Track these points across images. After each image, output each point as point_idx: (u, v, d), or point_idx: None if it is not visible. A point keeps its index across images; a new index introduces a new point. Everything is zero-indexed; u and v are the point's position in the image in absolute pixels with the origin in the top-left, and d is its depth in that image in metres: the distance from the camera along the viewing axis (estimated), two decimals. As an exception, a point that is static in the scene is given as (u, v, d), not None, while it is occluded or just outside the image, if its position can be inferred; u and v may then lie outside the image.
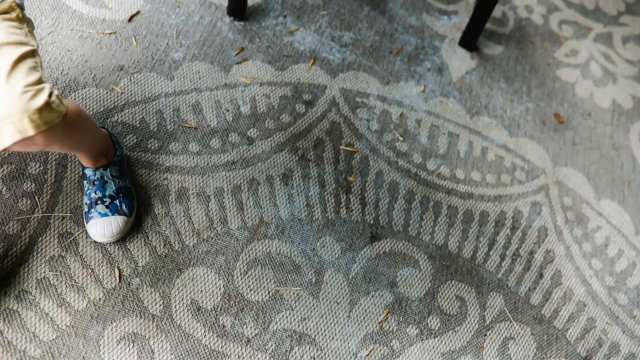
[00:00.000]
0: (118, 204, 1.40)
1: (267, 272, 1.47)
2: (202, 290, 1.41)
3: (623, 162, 1.96)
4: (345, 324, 1.46)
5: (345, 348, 1.43)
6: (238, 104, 1.69)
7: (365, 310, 1.49)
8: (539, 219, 1.75)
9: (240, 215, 1.52)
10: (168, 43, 1.74)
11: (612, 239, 1.77)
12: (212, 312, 1.39)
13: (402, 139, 1.77)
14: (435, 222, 1.66)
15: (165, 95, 1.65)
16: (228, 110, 1.67)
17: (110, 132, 1.48)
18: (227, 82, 1.72)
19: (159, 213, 1.48)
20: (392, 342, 1.46)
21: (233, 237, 1.49)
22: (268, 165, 1.61)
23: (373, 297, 1.51)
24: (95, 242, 1.40)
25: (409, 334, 1.48)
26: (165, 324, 1.36)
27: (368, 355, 1.43)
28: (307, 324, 1.44)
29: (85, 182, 1.42)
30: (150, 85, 1.65)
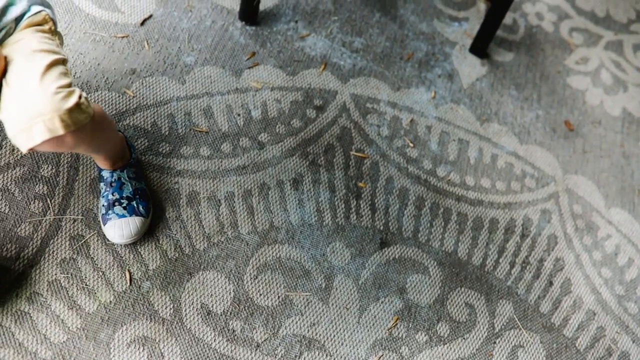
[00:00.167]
0: (135, 205, 1.41)
1: (277, 277, 1.47)
2: (212, 295, 1.41)
3: (633, 170, 1.95)
4: (355, 330, 1.46)
5: (355, 354, 1.43)
6: (249, 109, 1.69)
7: (375, 316, 1.49)
8: (549, 227, 1.75)
9: (251, 220, 1.53)
10: (180, 47, 1.75)
11: (622, 248, 1.77)
12: (222, 316, 1.40)
13: (412, 145, 1.77)
14: (445, 228, 1.66)
15: (177, 99, 1.65)
16: (239, 115, 1.68)
17: (125, 135, 1.48)
18: (238, 86, 1.72)
19: (170, 217, 1.48)
20: (401, 348, 1.46)
21: (243, 241, 1.49)
22: (279, 170, 1.62)
23: (382, 303, 1.51)
24: (113, 243, 1.41)
25: (418, 341, 1.48)
26: (176, 328, 1.36)
27: (377, 362, 1.43)
28: (316, 330, 1.44)
29: (102, 184, 1.42)
30: (162, 89, 1.66)
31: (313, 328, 1.44)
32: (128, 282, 1.38)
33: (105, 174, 1.42)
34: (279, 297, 1.45)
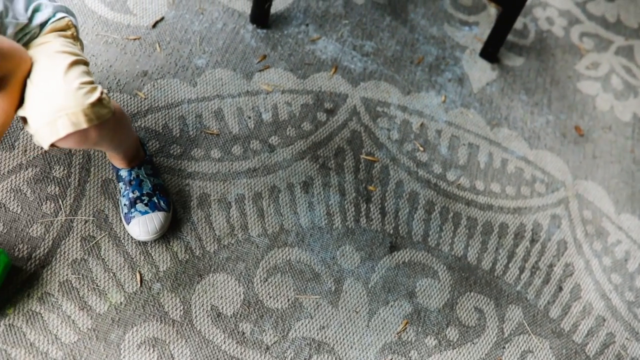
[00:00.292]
0: (156, 201, 1.42)
1: (286, 279, 1.48)
2: (222, 297, 1.42)
3: (644, 176, 1.95)
4: (364, 334, 1.46)
5: (364, 357, 1.43)
6: (260, 112, 1.70)
7: (384, 320, 1.49)
8: (559, 232, 1.74)
9: (261, 223, 1.53)
10: (191, 49, 1.76)
11: (632, 254, 1.76)
12: (231, 318, 1.40)
13: (422, 149, 1.77)
14: (455, 233, 1.66)
15: (188, 102, 1.66)
16: (250, 118, 1.68)
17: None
18: (249, 89, 1.73)
19: (181, 218, 1.48)
20: (410, 352, 1.46)
21: (253, 244, 1.50)
22: (289, 173, 1.62)
23: (392, 307, 1.51)
24: (123, 244, 1.41)
25: (428, 345, 1.48)
26: (186, 330, 1.36)
27: (386, 366, 1.43)
28: (326, 333, 1.44)
29: (121, 183, 1.43)
30: (173, 91, 1.66)
31: (322, 331, 1.44)
32: (139, 283, 1.39)
33: (123, 173, 1.43)
34: (289, 299, 1.45)
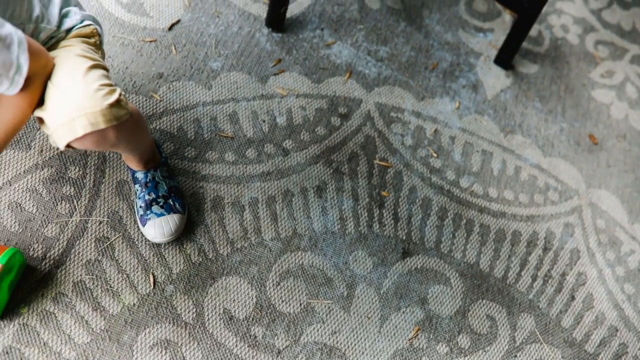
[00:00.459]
0: (172, 203, 1.42)
1: (299, 284, 1.48)
2: (234, 300, 1.42)
3: (658, 186, 1.94)
4: (376, 339, 1.46)
5: (375, 363, 1.43)
6: (274, 115, 1.70)
7: (396, 326, 1.48)
8: (572, 241, 1.74)
9: (274, 226, 1.53)
10: (207, 52, 1.76)
11: (645, 264, 1.76)
12: (244, 322, 1.40)
13: (435, 155, 1.77)
14: (468, 240, 1.65)
15: (203, 104, 1.66)
16: (264, 121, 1.68)
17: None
18: (264, 93, 1.73)
19: (194, 221, 1.49)
20: (421, 359, 1.46)
21: (266, 247, 1.50)
22: (302, 177, 1.62)
23: (404, 313, 1.51)
24: (137, 246, 1.42)
25: (439, 352, 1.48)
26: (198, 332, 1.36)
27: (397, 372, 1.43)
28: (337, 338, 1.44)
29: (137, 185, 1.44)
30: (189, 94, 1.67)
31: (334, 336, 1.44)
32: (152, 285, 1.39)
33: (140, 175, 1.43)
34: (301, 304, 1.45)
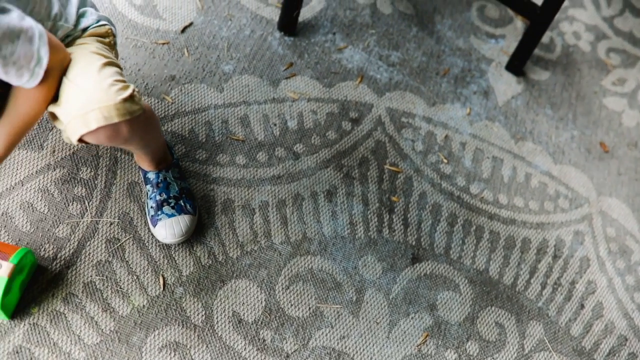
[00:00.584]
0: (182, 204, 1.43)
1: (308, 288, 1.48)
2: (243, 303, 1.42)
3: (669, 195, 1.93)
4: (384, 345, 1.46)
5: (383, 369, 1.43)
6: (285, 119, 1.70)
7: (405, 332, 1.48)
8: (582, 249, 1.73)
9: (284, 230, 1.53)
10: (219, 55, 1.77)
11: (655, 273, 1.75)
12: (252, 325, 1.40)
13: (446, 161, 1.77)
14: (477, 246, 1.65)
15: (215, 107, 1.67)
16: (275, 125, 1.69)
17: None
18: (275, 96, 1.74)
19: (205, 223, 1.49)
20: (430, 365, 1.46)
21: (276, 251, 1.50)
22: (313, 181, 1.62)
23: (413, 319, 1.50)
24: (147, 247, 1.42)
25: (447, 359, 1.47)
26: (207, 335, 1.37)
27: (406, 378, 1.43)
28: (346, 343, 1.44)
29: (148, 186, 1.44)
30: (200, 96, 1.67)
31: (343, 341, 1.44)
32: (161, 287, 1.39)
33: (151, 176, 1.44)
34: (310, 308, 1.46)
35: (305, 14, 1.94)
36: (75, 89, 1.08)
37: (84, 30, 1.21)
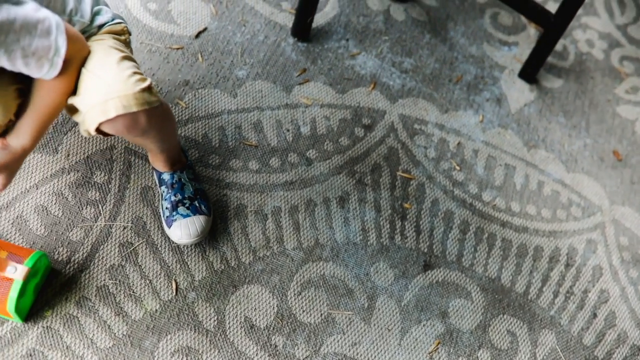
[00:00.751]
0: (197, 205, 1.43)
1: (320, 294, 1.48)
2: (255, 309, 1.42)
3: (682, 204, 1.92)
4: (396, 352, 1.45)
5: (395, 376, 1.42)
6: (298, 125, 1.71)
7: (416, 339, 1.48)
8: (594, 257, 1.72)
9: (297, 236, 1.53)
10: (233, 61, 1.77)
11: (669, 283, 1.74)
12: (264, 330, 1.40)
13: (458, 168, 1.77)
14: (489, 254, 1.65)
15: (228, 112, 1.67)
16: (288, 130, 1.69)
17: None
18: (288, 102, 1.74)
19: (217, 229, 1.49)
20: (441, 373, 1.45)
21: (288, 257, 1.50)
22: (325, 187, 1.62)
23: (424, 326, 1.50)
24: (160, 252, 1.43)
25: (459, 367, 1.47)
26: (219, 340, 1.37)
27: (417, 385, 1.43)
28: (357, 350, 1.43)
29: (163, 187, 1.45)
30: (214, 102, 1.68)
31: (354, 348, 1.43)
32: (174, 291, 1.40)
33: (166, 177, 1.44)
34: (322, 314, 1.45)
35: (319, 20, 1.94)
36: (95, 79, 1.10)
37: (100, 28, 1.23)
